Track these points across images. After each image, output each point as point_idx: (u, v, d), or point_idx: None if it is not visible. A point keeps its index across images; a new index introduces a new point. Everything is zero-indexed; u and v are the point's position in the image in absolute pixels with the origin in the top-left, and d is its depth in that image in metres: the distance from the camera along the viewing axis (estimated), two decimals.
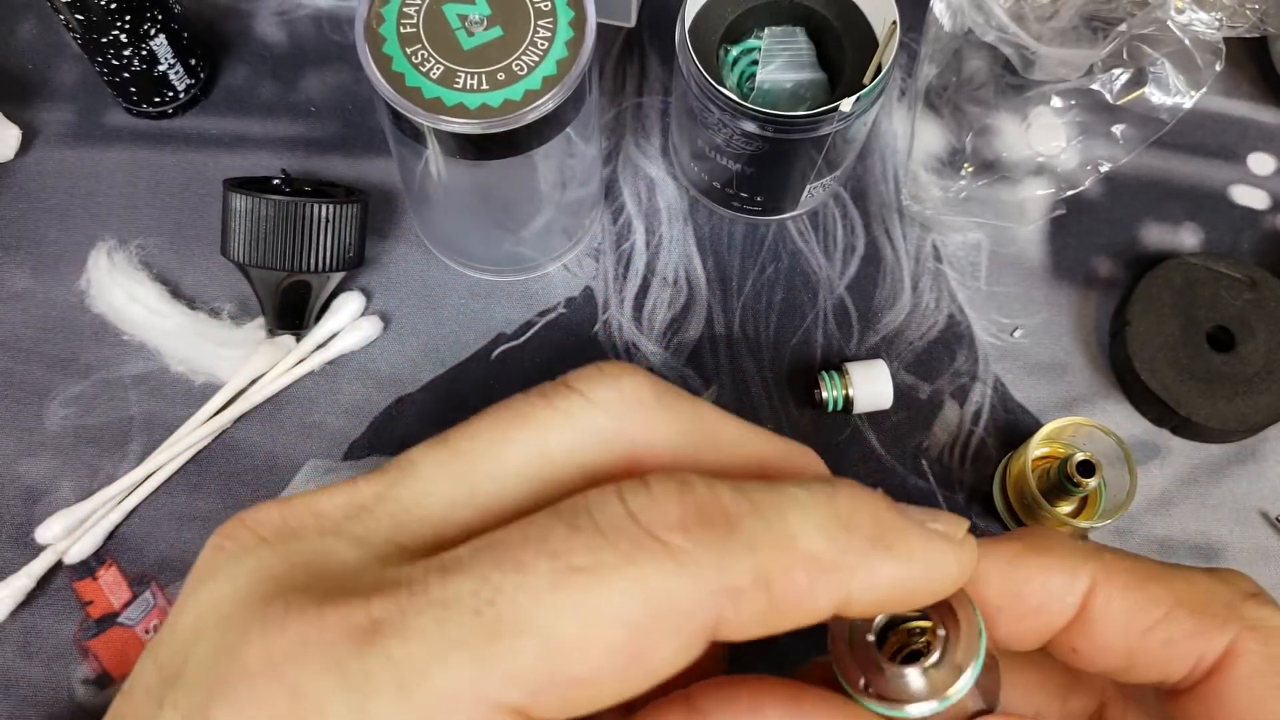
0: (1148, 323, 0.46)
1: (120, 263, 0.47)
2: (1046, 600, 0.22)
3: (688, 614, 0.18)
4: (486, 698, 0.18)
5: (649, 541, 0.18)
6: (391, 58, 0.37)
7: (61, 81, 0.51)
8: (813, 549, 0.19)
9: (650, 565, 0.18)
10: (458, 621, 0.18)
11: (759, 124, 0.41)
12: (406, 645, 0.18)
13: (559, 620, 0.18)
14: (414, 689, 0.17)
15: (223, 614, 0.19)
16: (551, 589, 0.18)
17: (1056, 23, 0.47)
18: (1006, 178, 0.49)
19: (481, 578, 0.18)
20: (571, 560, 0.18)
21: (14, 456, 0.45)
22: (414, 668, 0.17)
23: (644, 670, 0.19)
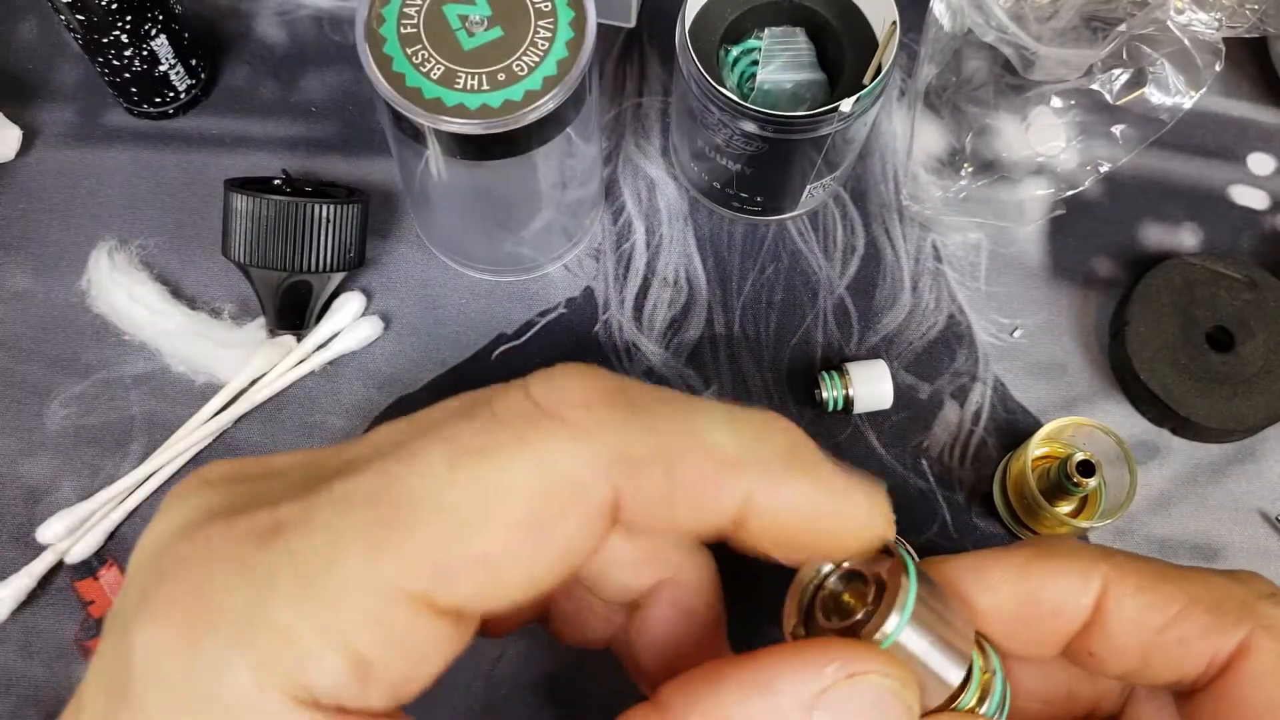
0: (1147, 323, 0.46)
1: (121, 263, 0.47)
2: (1060, 604, 0.23)
3: (585, 485, 0.18)
4: (388, 583, 0.17)
5: (546, 420, 0.18)
6: (392, 58, 0.37)
7: (62, 82, 0.51)
8: (718, 443, 0.19)
9: (546, 439, 0.18)
10: (356, 512, 0.18)
11: (759, 124, 0.41)
12: (308, 539, 0.18)
13: (455, 500, 0.18)
14: (313, 578, 0.17)
15: (161, 544, 0.19)
16: (447, 470, 0.18)
17: (1056, 23, 0.47)
18: (1006, 178, 0.49)
19: (379, 470, 0.18)
20: (466, 443, 0.18)
21: (15, 456, 0.45)
22: (314, 558, 0.17)
23: (549, 548, 0.18)
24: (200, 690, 0.17)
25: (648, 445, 0.19)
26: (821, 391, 0.45)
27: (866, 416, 0.46)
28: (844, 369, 0.45)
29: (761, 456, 0.20)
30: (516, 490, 0.18)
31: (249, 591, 0.17)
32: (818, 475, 0.21)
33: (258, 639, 0.17)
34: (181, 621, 0.17)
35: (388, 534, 0.18)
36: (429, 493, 0.18)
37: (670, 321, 0.48)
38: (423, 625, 0.18)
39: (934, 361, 0.47)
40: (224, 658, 0.17)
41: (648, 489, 0.19)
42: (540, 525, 0.18)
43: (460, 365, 0.47)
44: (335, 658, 0.17)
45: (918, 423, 0.46)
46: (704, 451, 0.19)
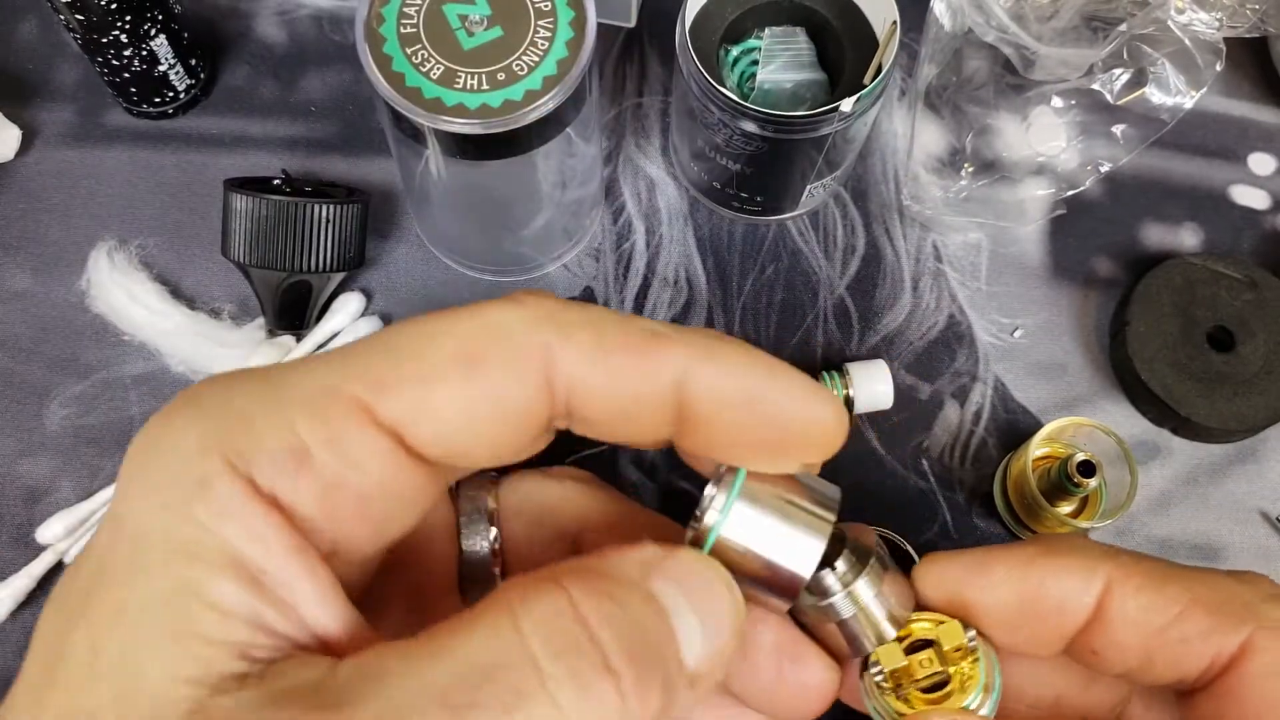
0: (1148, 323, 0.46)
1: (120, 263, 0.47)
2: (1063, 601, 0.23)
3: (512, 331, 0.21)
4: (331, 385, 0.20)
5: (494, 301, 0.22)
6: (392, 58, 0.37)
7: (62, 82, 0.51)
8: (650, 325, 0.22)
9: (487, 304, 0.21)
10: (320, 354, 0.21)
11: (759, 124, 0.41)
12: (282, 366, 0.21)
13: (400, 338, 0.21)
14: (275, 382, 0.20)
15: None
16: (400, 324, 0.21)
17: (1057, 23, 0.47)
18: (1007, 178, 0.49)
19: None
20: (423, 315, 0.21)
21: (14, 457, 0.45)
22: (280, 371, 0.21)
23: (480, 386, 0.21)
24: (155, 455, 0.20)
25: (580, 314, 0.21)
26: None
27: (867, 417, 0.46)
28: (844, 369, 0.45)
29: (692, 335, 0.21)
30: (453, 332, 0.21)
31: (224, 389, 0.20)
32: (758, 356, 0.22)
33: (214, 416, 0.20)
34: (167, 413, 0.20)
35: (344, 358, 0.21)
36: (384, 335, 0.21)
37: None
38: (359, 431, 0.20)
39: (934, 362, 0.47)
40: (184, 428, 0.20)
41: (578, 349, 0.21)
42: (469, 359, 0.21)
43: None
44: (275, 438, 0.19)
45: (918, 423, 0.46)
46: (633, 324, 0.21)
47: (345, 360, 0.21)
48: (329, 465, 0.20)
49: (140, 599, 0.19)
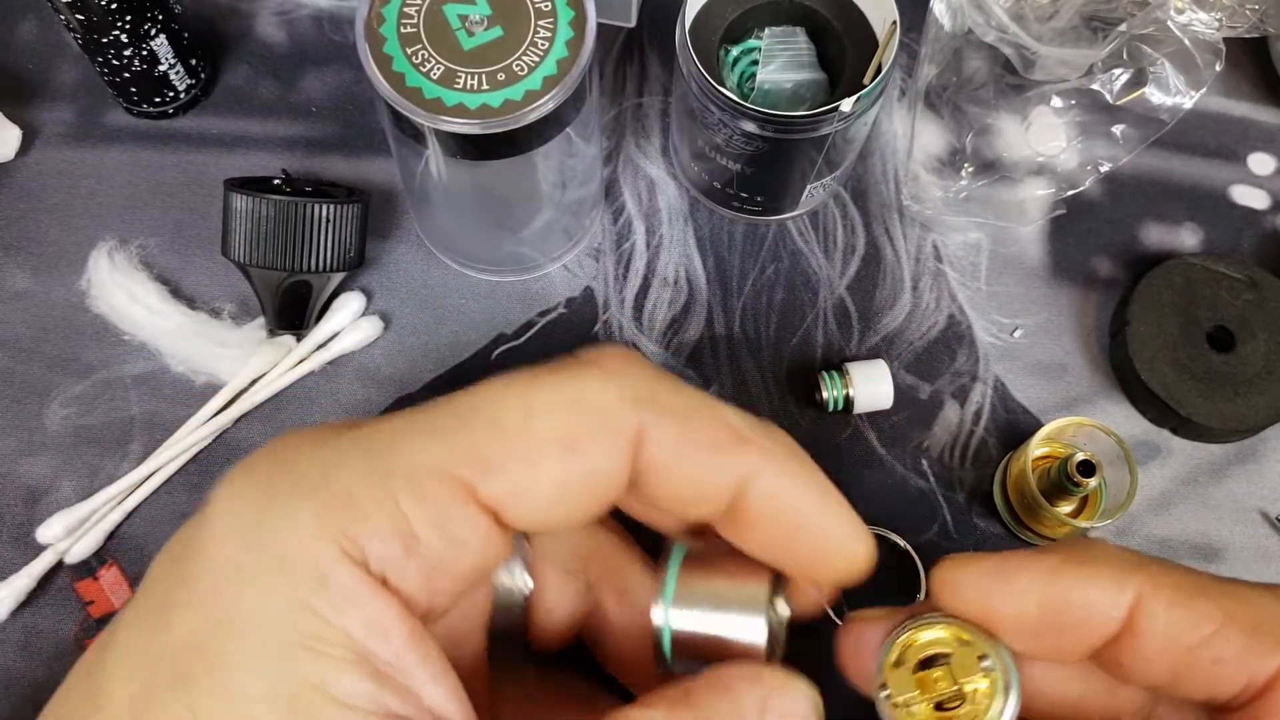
0: (1148, 323, 0.46)
1: (121, 263, 0.47)
2: (1090, 613, 0.22)
3: (613, 413, 0.22)
4: (438, 466, 0.20)
5: (587, 365, 0.22)
6: (392, 58, 0.37)
7: (62, 82, 0.51)
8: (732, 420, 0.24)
9: (584, 376, 0.22)
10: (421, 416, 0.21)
11: (759, 124, 0.41)
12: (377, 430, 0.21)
13: (502, 410, 0.21)
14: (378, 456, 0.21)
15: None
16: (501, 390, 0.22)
17: (1056, 23, 0.47)
18: (1007, 178, 0.49)
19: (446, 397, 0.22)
20: (519, 377, 0.22)
21: (14, 456, 0.45)
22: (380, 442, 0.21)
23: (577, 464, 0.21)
24: (265, 533, 0.20)
25: (672, 397, 0.22)
26: (822, 391, 0.45)
27: (867, 416, 0.46)
28: (844, 369, 0.45)
29: (770, 442, 0.23)
30: (554, 408, 0.21)
31: (323, 462, 0.20)
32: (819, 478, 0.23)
33: (322, 495, 0.20)
34: (261, 480, 0.20)
35: (444, 429, 0.21)
36: (482, 404, 0.21)
37: (670, 321, 0.48)
38: (463, 511, 0.21)
39: (934, 361, 0.47)
40: (292, 506, 0.20)
41: (667, 434, 0.22)
42: (571, 440, 0.21)
43: (460, 365, 0.47)
44: (386, 521, 0.20)
45: (918, 423, 0.46)
46: (720, 419, 0.23)
47: (445, 433, 0.21)
48: (434, 547, 0.20)
49: (259, 691, 0.19)
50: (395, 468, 0.20)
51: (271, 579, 0.19)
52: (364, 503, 0.20)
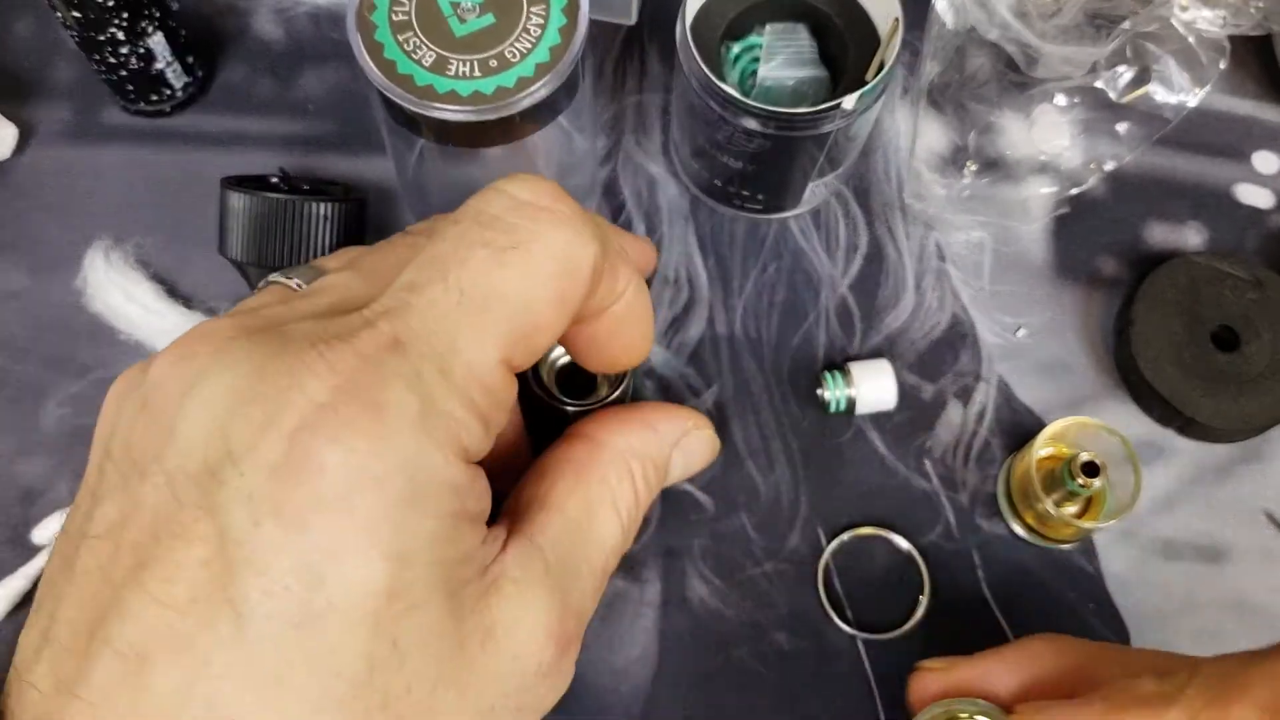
0: (1152, 322, 0.46)
1: (117, 262, 0.47)
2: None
3: (583, 262, 0.25)
4: (492, 359, 0.23)
5: (541, 213, 0.24)
6: (383, 45, 0.37)
7: (58, 79, 0.51)
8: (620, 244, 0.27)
9: (552, 231, 0.24)
10: (449, 312, 0.23)
11: (760, 121, 0.41)
12: (428, 340, 0.23)
13: (513, 288, 0.24)
14: (451, 368, 0.23)
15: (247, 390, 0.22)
16: (499, 267, 0.23)
17: (1060, 20, 0.47)
18: (1010, 176, 0.49)
19: (442, 279, 0.23)
20: (499, 244, 0.24)
21: (11, 457, 0.45)
22: (440, 351, 0.23)
23: (566, 311, 0.25)
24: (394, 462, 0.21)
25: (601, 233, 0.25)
26: (824, 391, 0.45)
27: (869, 417, 0.46)
28: (847, 368, 0.45)
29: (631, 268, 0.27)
30: (547, 273, 0.24)
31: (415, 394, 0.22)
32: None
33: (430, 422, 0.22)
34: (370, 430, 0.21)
35: (480, 321, 0.23)
36: (493, 287, 0.23)
37: (670, 321, 0.47)
38: (506, 382, 0.24)
39: (937, 361, 0.47)
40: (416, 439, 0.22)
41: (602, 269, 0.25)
42: (564, 296, 0.24)
43: None
44: (476, 423, 0.23)
45: (921, 423, 0.46)
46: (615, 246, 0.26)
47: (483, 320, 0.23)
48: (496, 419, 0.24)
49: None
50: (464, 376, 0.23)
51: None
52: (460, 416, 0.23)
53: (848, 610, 0.43)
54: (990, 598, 0.44)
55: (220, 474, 0.21)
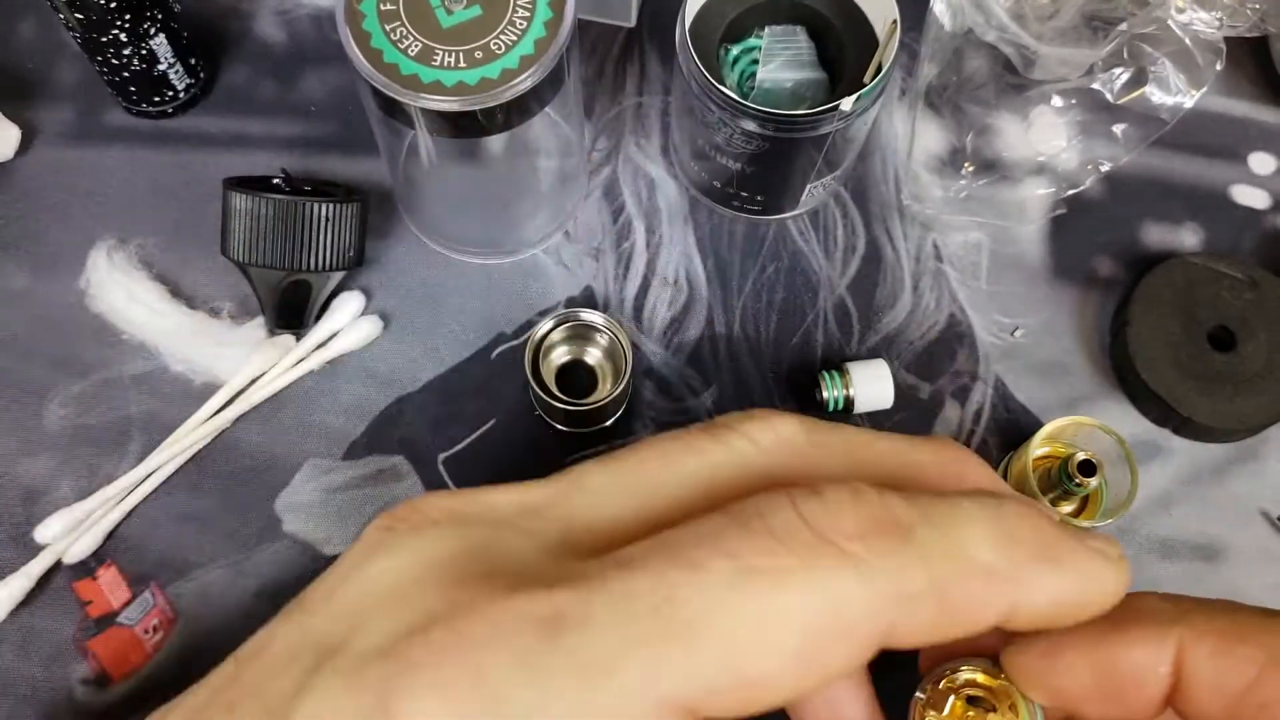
0: (1149, 322, 0.46)
1: (120, 262, 0.47)
2: (1139, 676, 0.22)
3: (862, 621, 0.19)
4: (663, 696, 0.18)
5: (826, 547, 0.18)
6: (370, 34, 0.37)
7: (61, 81, 0.51)
8: (984, 560, 0.20)
9: (827, 570, 0.18)
10: (638, 618, 0.18)
11: (759, 123, 0.41)
12: (590, 640, 0.18)
13: (736, 622, 0.18)
14: (596, 684, 0.17)
15: (400, 589, 0.19)
16: (729, 589, 0.18)
17: (1057, 22, 0.47)
18: (1007, 177, 0.49)
19: (659, 574, 0.18)
20: (748, 561, 0.18)
21: (13, 456, 0.45)
22: (596, 663, 0.17)
23: (815, 674, 0.19)
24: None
25: (922, 578, 0.19)
26: (822, 391, 0.45)
27: (867, 416, 0.46)
28: (845, 369, 0.45)
29: (1021, 559, 0.20)
30: (794, 620, 0.18)
31: (534, 690, 0.17)
32: (1073, 563, 0.21)
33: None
34: (462, 705, 0.17)
35: (669, 648, 0.18)
36: (710, 611, 0.18)
37: (670, 321, 0.47)
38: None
39: (935, 361, 0.47)
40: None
41: (921, 619, 0.19)
42: (811, 656, 0.18)
43: (459, 365, 0.47)
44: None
45: (919, 423, 0.46)
46: (973, 574, 0.20)
47: (672, 646, 0.18)
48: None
49: None
50: (614, 702, 0.18)
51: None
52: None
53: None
54: None
55: (316, 658, 0.19)
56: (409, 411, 0.46)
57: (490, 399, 0.46)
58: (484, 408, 0.46)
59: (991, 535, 0.20)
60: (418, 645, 0.18)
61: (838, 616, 0.18)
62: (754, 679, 0.18)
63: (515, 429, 0.46)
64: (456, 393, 0.46)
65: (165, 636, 0.42)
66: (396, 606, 0.19)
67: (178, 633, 0.42)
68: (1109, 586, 0.21)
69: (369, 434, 0.46)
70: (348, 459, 0.45)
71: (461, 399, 0.46)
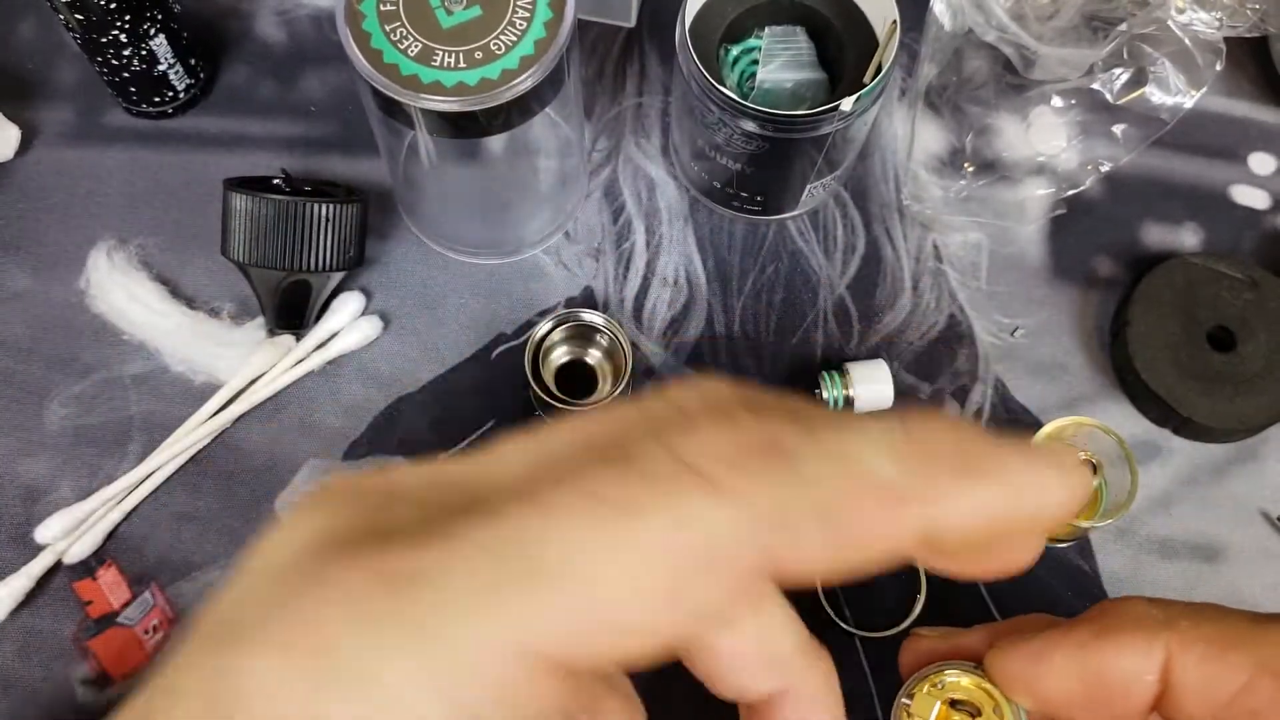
0: (1148, 322, 0.46)
1: (120, 262, 0.47)
2: (1127, 682, 0.22)
3: (733, 550, 0.17)
4: (518, 645, 0.16)
5: (689, 476, 0.17)
6: (370, 34, 0.37)
7: (61, 81, 0.51)
8: (880, 474, 0.18)
9: (689, 498, 0.17)
10: (490, 566, 0.17)
11: (759, 123, 0.41)
12: (438, 592, 0.16)
13: (594, 560, 0.17)
14: (441, 636, 0.16)
15: (279, 564, 0.18)
16: (588, 529, 0.17)
17: (1057, 22, 0.47)
18: (1007, 177, 0.49)
19: (515, 520, 0.17)
20: (607, 497, 0.17)
21: (14, 456, 0.45)
22: (441, 613, 0.16)
23: (686, 612, 0.17)
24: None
25: (804, 501, 0.17)
26: (822, 391, 0.45)
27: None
28: (844, 369, 0.45)
29: (931, 476, 0.18)
30: (659, 556, 0.17)
31: (371, 646, 0.17)
32: (998, 474, 0.19)
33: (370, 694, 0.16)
34: (299, 663, 0.17)
35: (523, 595, 0.17)
36: (568, 553, 0.17)
37: (670, 321, 0.48)
38: (538, 682, 0.17)
39: (935, 361, 0.47)
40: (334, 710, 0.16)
41: (807, 544, 0.18)
42: (680, 592, 0.17)
43: (460, 365, 0.47)
44: (443, 715, 0.16)
45: None
46: (867, 491, 0.18)
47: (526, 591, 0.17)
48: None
49: None
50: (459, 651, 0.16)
51: None
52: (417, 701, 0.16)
53: (846, 609, 0.43)
54: (987, 597, 0.44)
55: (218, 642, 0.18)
56: (409, 412, 0.46)
57: (490, 399, 0.46)
58: (484, 408, 0.46)
59: (894, 451, 0.18)
60: (265, 598, 0.18)
61: (705, 548, 0.17)
62: (621, 621, 0.17)
63: (515, 429, 0.46)
64: (456, 393, 0.46)
65: (165, 637, 0.42)
66: (271, 581, 0.18)
67: (178, 633, 0.42)
68: (1051, 496, 0.19)
69: (369, 434, 0.46)
70: (348, 459, 0.45)
71: (461, 399, 0.46)
